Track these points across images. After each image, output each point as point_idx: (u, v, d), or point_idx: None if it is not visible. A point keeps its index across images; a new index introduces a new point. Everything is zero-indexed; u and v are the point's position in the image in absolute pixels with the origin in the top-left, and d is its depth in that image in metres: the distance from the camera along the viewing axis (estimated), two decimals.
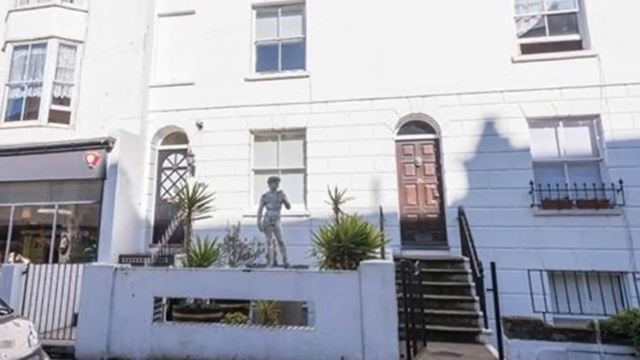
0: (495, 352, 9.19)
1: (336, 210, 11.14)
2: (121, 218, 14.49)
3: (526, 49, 14.17)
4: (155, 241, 14.85)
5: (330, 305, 8.11)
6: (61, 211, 15.49)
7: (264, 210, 10.53)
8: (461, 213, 12.65)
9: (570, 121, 13.45)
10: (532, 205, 12.89)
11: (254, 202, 14.05)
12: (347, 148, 14.35)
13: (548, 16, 14.33)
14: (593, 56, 13.44)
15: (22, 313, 10.04)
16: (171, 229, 13.46)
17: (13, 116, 16.29)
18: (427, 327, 9.67)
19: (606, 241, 12.31)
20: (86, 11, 16.83)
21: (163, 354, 8.52)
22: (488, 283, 9.99)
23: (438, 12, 14.63)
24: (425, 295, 10.06)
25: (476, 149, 13.59)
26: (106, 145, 14.62)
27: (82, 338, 8.92)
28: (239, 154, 15.10)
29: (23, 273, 10.96)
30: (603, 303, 10.78)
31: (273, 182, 10.62)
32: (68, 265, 11.58)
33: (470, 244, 11.40)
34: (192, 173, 15.20)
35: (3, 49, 16.81)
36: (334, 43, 15.16)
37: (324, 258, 9.51)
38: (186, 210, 11.06)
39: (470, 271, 11.48)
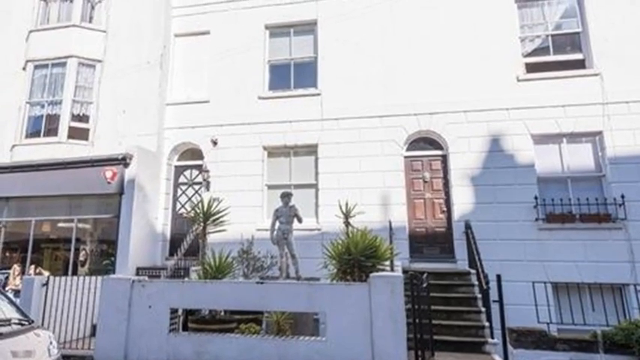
0: None
1: (347, 224, 11.15)
2: (138, 232, 14.71)
3: (531, 68, 14.35)
4: (171, 254, 15.05)
5: (340, 316, 8.11)
6: (80, 225, 15.70)
7: (277, 224, 10.60)
8: (468, 227, 12.76)
9: (574, 137, 13.61)
10: (537, 219, 13.04)
11: (267, 217, 14.27)
12: (357, 164, 14.55)
13: (552, 36, 14.55)
14: (596, 75, 13.60)
15: (43, 324, 10.23)
16: (187, 242, 13.52)
17: (33, 133, 16.54)
18: (435, 337, 9.72)
19: (608, 254, 12.45)
20: (104, 31, 17.14)
21: None
22: (494, 294, 10.30)
23: (445, 32, 14.83)
24: (433, 307, 10.15)
25: (482, 165, 13.75)
26: (123, 161, 14.86)
27: (101, 348, 9.01)
28: (253, 170, 15.32)
29: (43, 285, 11.13)
30: (605, 314, 10.98)
31: (286, 197, 10.74)
32: (87, 278, 11.71)
33: (476, 257, 11.48)
34: (207, 188, 15.41)
35: (24, 68, 17.09)
36: (345, 62, 15.37)
37: (335, 270, 9.55)
38: (202, 224, 11.12)
39: (476, 283, 11.57)
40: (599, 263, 12.42)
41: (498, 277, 10.33)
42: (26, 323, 6.86)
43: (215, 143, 15.75)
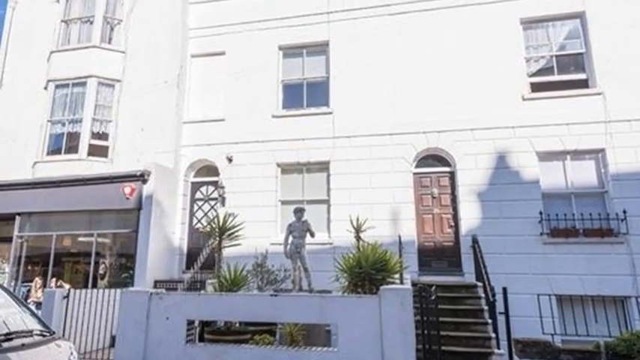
0: None
1: (358, 238, 11.30)
2: (156, 246, 14.96)
3: (536, 87, 14.55)
4: (188, 267, 15.28)
5: (352, 328, 8.11)
6: (100, 240, 15.97)
7: (290, 238, 10.58)
8: (474, 241, 12.87)
9: (577, 154, 13.81)
10: (541, 234, 13.25)
11: (281, 231, 14.48)
12: (368, 181, 14.79)
13: (556, 56, 14.78)
14: (599, 94, 13.79)
15: (64, 335, 10.44)
16: (203, 256, 13.70)
17: (54, 150, 16.91)
18: (443, 348, 9.72)
19: (611, 267, 12.62)
20: (123, 52, 17.54)
21: None
22: (500, 306, 10.34)
23: (453, 53, 15.08)
24: (441, 318, 10.03)
25: (489, 181, 13.96)
26: (141, 177, 15.14)
27: (120, 358, 9.04)
28: (266, 186, 15.60)
29: (64, 297, 11.40)
30: (608, 325, 11.24)
31: (299, 212, 10.71)
32: (106, 290, 11.98)
33: (483, 270, 11.52)
34: (223, 204, 15.66)
35: (45, 88, 17.51)
36: (356, 82, 15.63)
37: (347, 283, 9.54)
38: (217, 238, 11.25)
39: (483, 295, 11.66)
40: (602, 276, 12.59)
41: (504, 289, 10.44)
42: (47, 334, 6.69)
43: (230, 160, 16.03)
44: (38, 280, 15.92)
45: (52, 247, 16.15)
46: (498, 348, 10.47)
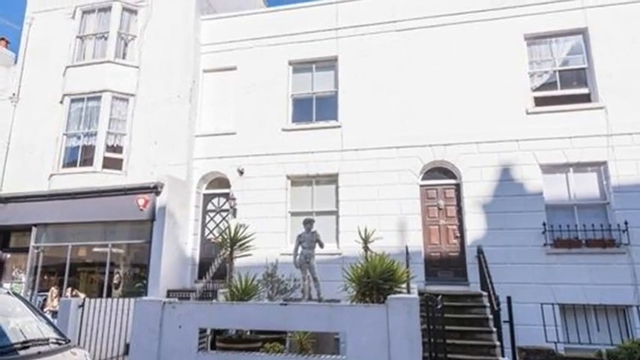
0: None
1: (366, 249, 11.40)
2: (169, 256, 15.21)
3: (539, 101, 14.79)
4: (200, 277, 15.50)
5: (360, 336, 8.00)
6: (114, 250, 16.30)
7: (300, 249, 10.78)
8: (480, 251, 13.09)
9: (580, 167, 14.03)
10: (545, 245, 13.45)
11: (290, 242, 14.70)
12: (375, 192, 15.04)
13: (559, 71, 15.02)
14: (601, 108, 14.01)
15: (79, 343, 10.58)
16: (215, 266, 13.96)
17: (70, 163, 17.28)
18: (449, 356, 9.79)
19: (613, 277, 12.83)
20: (137, 67, 17.91)
21: None
22: (504, 315, 10.63)
23: (459, 68, 15.33)
24: (447, 327, 10.11)
25: (493, 193, 14.19)
26: (155, 189, 15.45)
27: None
28: (277, 198, 15.87)
29: (79, 306, 11.48)
30: (610, 334, 11.35)
31: (308, 223, 10.92)
32: (120, 300, 12.24)
33: (488, 280, 11.75)
34: (234, 215, 15.89)
35: (61, 102, 17.92)
36: (364, 96, 15.91)
37: (355, 293, 9.60)
38: (229, 249, 11.06)
39: (488, 304, 11.83)
40: (604, 286, 12.80)
41: (509, 299, 10.72)
42: (63, 342, 6.78)
43: (241, 173, 16.32)
44: (54, 290, 16.22)
45: (67, 258, 16.47)
46: (503, 356, 10.68)
